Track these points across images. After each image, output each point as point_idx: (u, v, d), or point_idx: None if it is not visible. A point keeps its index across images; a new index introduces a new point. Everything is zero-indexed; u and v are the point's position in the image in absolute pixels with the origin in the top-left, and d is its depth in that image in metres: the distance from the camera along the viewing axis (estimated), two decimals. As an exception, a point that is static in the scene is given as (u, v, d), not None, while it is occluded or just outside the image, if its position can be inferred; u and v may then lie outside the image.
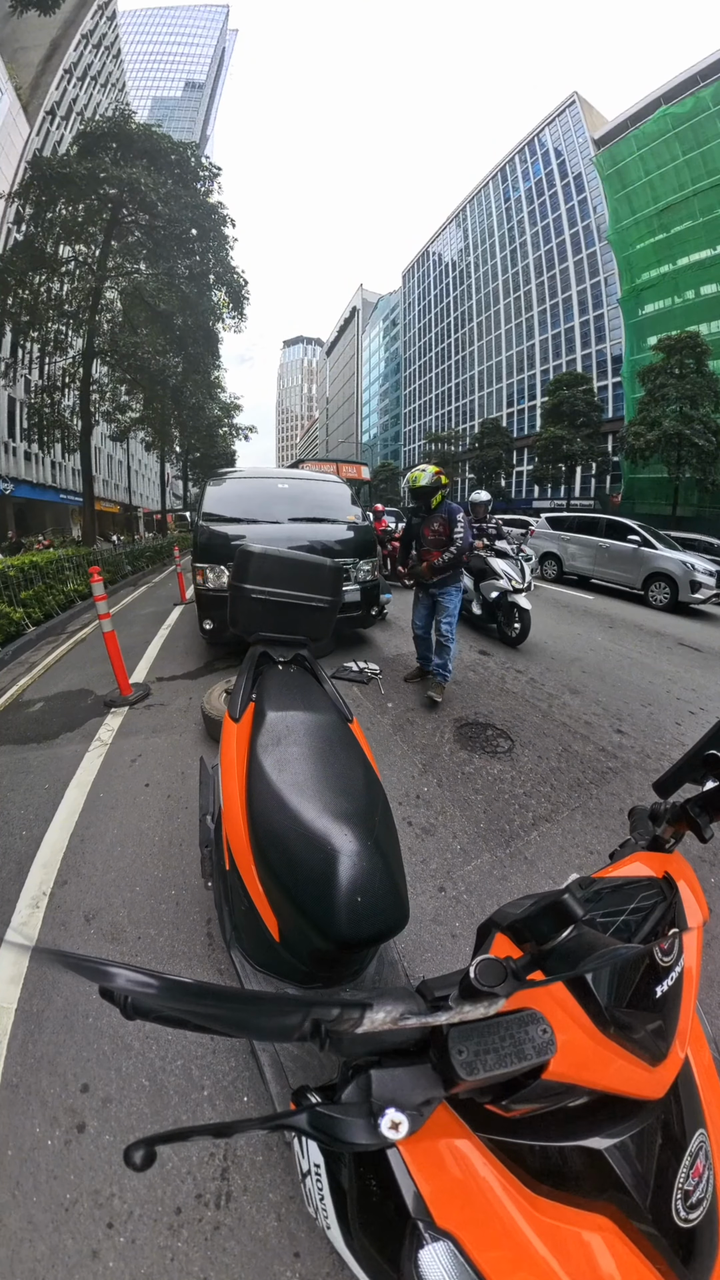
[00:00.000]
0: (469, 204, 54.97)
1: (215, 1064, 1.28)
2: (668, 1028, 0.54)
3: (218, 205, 14.15)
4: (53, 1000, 1.43)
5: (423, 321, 64.43)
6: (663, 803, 0.77)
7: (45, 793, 2.49)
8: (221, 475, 5.44)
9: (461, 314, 55.57)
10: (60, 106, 34.52)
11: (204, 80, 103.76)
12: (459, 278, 56.45)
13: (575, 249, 39.84)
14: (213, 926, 1.68)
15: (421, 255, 65.46)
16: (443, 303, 59.78)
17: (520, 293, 46.06)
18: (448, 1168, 0.46)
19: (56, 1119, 1.16)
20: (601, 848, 2.16)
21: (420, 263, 65.88)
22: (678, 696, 4.05)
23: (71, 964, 0.33)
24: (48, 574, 6.88)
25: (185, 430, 22.30)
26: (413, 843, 2.14)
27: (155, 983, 0.34)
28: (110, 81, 44.58)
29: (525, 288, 45.41)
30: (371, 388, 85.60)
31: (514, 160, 47.59)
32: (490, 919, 0.54)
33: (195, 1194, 1.04)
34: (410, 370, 67.54)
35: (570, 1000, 0.49)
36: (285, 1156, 1.11)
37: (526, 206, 45.35)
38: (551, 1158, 0.48)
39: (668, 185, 27.86)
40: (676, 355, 20.47)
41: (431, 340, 61.95)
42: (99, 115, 14.07)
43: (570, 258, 40.27)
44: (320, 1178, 0.60)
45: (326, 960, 0.97)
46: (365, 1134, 0.38)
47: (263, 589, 1.65)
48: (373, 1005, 0.38)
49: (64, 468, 34.26)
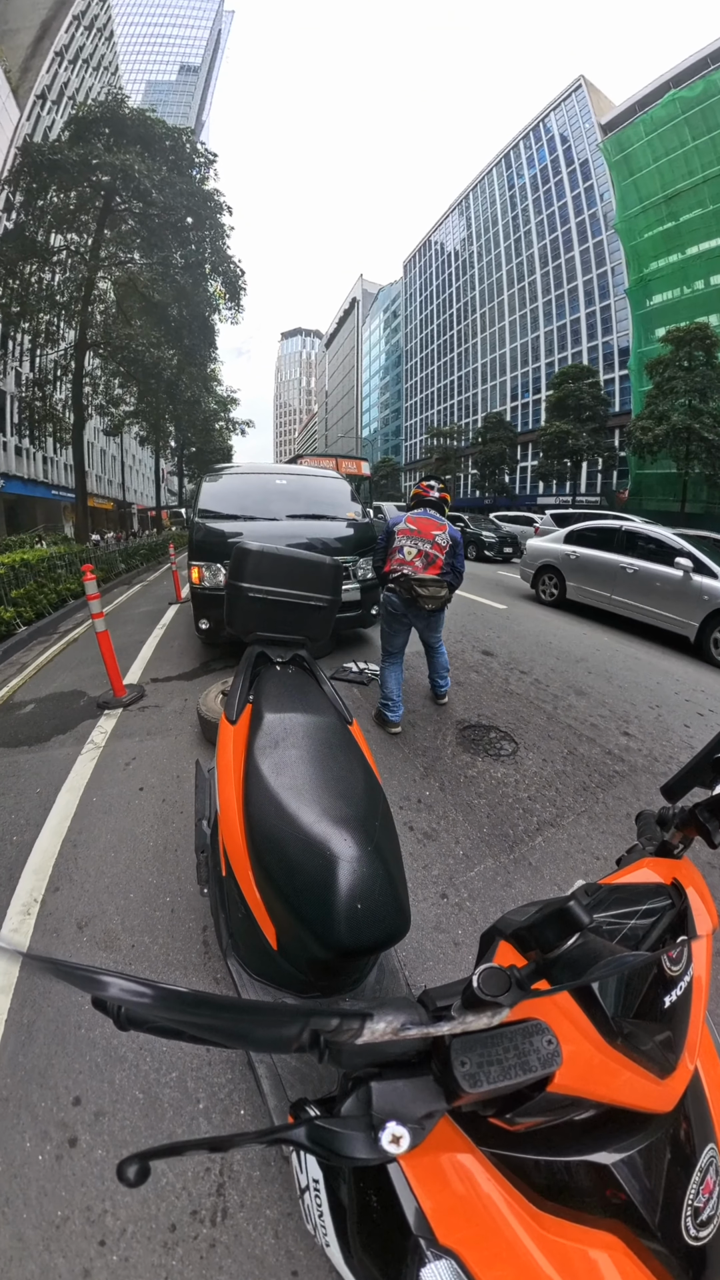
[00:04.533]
0: (472, 191, 54.98)
1: (211, 1076, 1.28)
2: (676, 1039, 0.54)
3: (214, 193, 14.18)
4: (44, 1010, 1.43)
5: (424, 313, 64.44)
6: (671, 807, 0.77)
7: (37, 797, 2.49)
8: (218, 471, 5.44)
9: (464, 305, 55.57)
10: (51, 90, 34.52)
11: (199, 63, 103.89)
12: (462, 268, 56.46)
13: (581, 238, 39.84)
14: (209, 934, 1.68)
15: (423, 244, 65.48)
16: (445, 293, 59.78)
17: (525, 283, 46.07)
18: (450, 1183, 0.46)
19: (47, 1133, 1.16)
20: (608, 853, 2.16)
21: (422, 252, 65.89)
22: (686, 698, 4.05)
23: (63, 973, 0.33)
24: (39, 572, 6.88)
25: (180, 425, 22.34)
26: (414, 848, 2.14)
27: (149, 992, 0.34)
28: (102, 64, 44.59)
29: (530, 278, 45.41)
30: (372, 381, 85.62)
31: (518, 146, 47.60)
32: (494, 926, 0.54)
33: (190, 1210, 1.04)
34: (412, 363, 67.53)
35: (576, 1010, 0.49)
36: (283, 1172, 1.11)
37: (531, 194, 45.36)
38: (557, 1173, 0.48)
39: (677, 171, 27.83)
40: (686, 347, 20.45)
41: (433, 332, 61.95)
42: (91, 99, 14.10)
43: (576, 247, 40.27)
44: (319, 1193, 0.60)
45: (326, 969, 0.97)
46: (365, 1148, 0.38)
47: (260, 588, 1.66)
48: (373, 1015, 0.38)
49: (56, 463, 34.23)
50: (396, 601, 3.11)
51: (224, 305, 16.07)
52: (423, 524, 3.11)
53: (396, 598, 3.10)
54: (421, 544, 3.07)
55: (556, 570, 7.56)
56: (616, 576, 6.56)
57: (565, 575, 7.39)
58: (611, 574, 6.63)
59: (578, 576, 7.20)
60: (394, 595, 3.11)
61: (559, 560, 7.55)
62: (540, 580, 7.94)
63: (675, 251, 28.67)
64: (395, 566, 3.08)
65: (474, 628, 5.89)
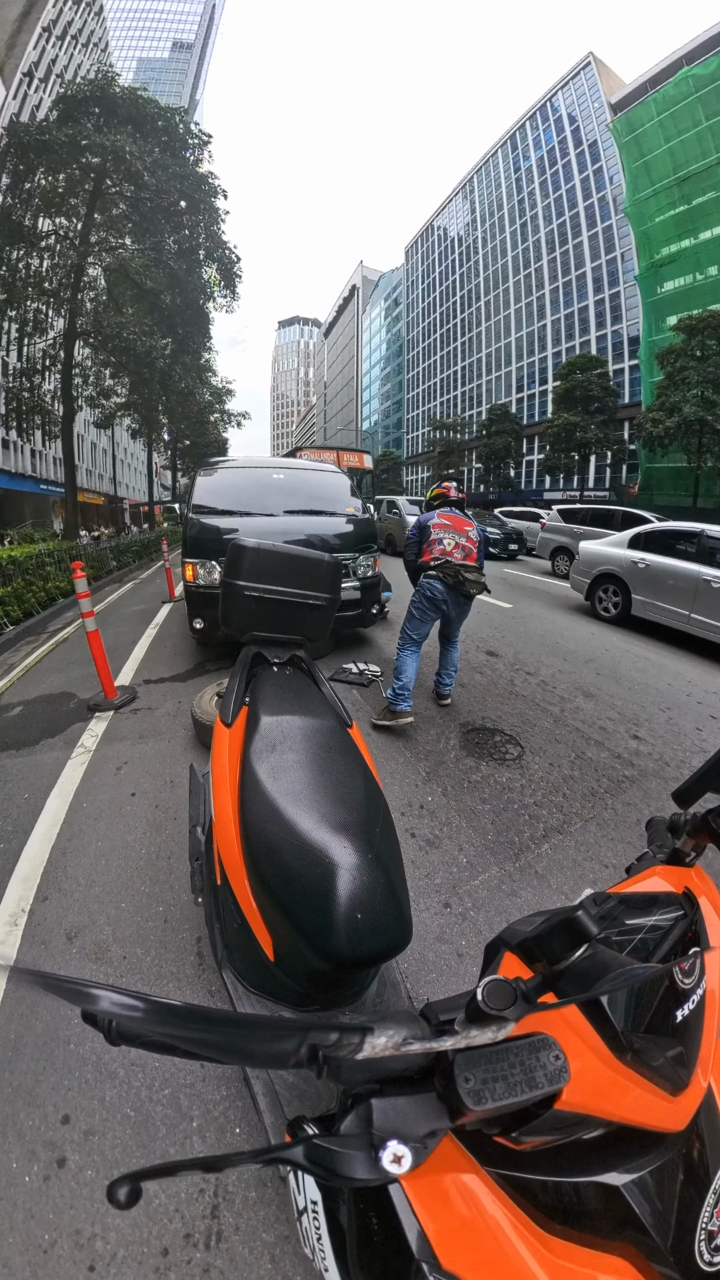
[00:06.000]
0: (476, 174, 55.04)
1: (205, 1093, 1.28)
2: (689, 1054, 0.54)
3: (208, 175, 14.19)
4: (32, 1025, 1.43)
5: (427, 300, 64.50)
6: (683, 813, 0.77)
7: (24, 803, 2.49)
8: (212, 465, 5.44)
9: (468, 292, 55.62)
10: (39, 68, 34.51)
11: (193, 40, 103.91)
12: (465, 253, 56.51)
13: (590, 222, 39.87)
14: (203, 945, 1.68)
15: (426, 229, 65.53)
16: (448, 280, 59.83)
17: (531, 270, 46.11)
18: (454, 1205, 0.46)
19: (35, 1153, 1.15)
20: (617, 861, 2.16)
21: (424, 237, 65.95)
22: (699, 700, 4.06)
23: (52, 985, 0.33)
24: (28, 569, 6.88)
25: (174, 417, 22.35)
26: (416, 855, 2.14)
27: (142, 1005, 0.33)
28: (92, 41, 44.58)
29: (536, 264, 45.45)
30: (372, 371, 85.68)
31: (524, 127, 47.65)
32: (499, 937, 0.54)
33: (183, 1234, 1.04)
34: (413, 353, 67.60)
35: (584, 1024, 0.49)
36: (280, 1193, 1.11)
37: (538, 177, 45.40)
38: (565, 1194, 0.48)
39: (689, 153, 27.85)
40: (698, 336, 20.48)
41: (436, 321, 62.01)
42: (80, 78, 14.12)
43: (584, 232, 40.30)
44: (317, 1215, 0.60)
45: (324, 981, 0.97)
46: (365, 1168, 0.38)
47: (257, 586, 1.66)
48: (374, 1029, 0.38)
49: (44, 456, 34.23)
50: (440, 588, 3.26)
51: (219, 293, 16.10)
52: (455, 521, 3.41)
53: (440, 584, 3.26)
54: (458, 538, 3.34)
55: (618, 580, 6.60)
56: (698, 591, 5.58)
57: (631, 587, 6.40)
58: (691, 588, 5.66)
59: (647, 589, 6.21)
60: (436, 581, 3.27)
61: (623, 569, 6.53)
62: (596, 592, 6.98)
63: (688, 236, 28.69)
64: (438, 555, 3.30)
65: (478, 627, 5.89)
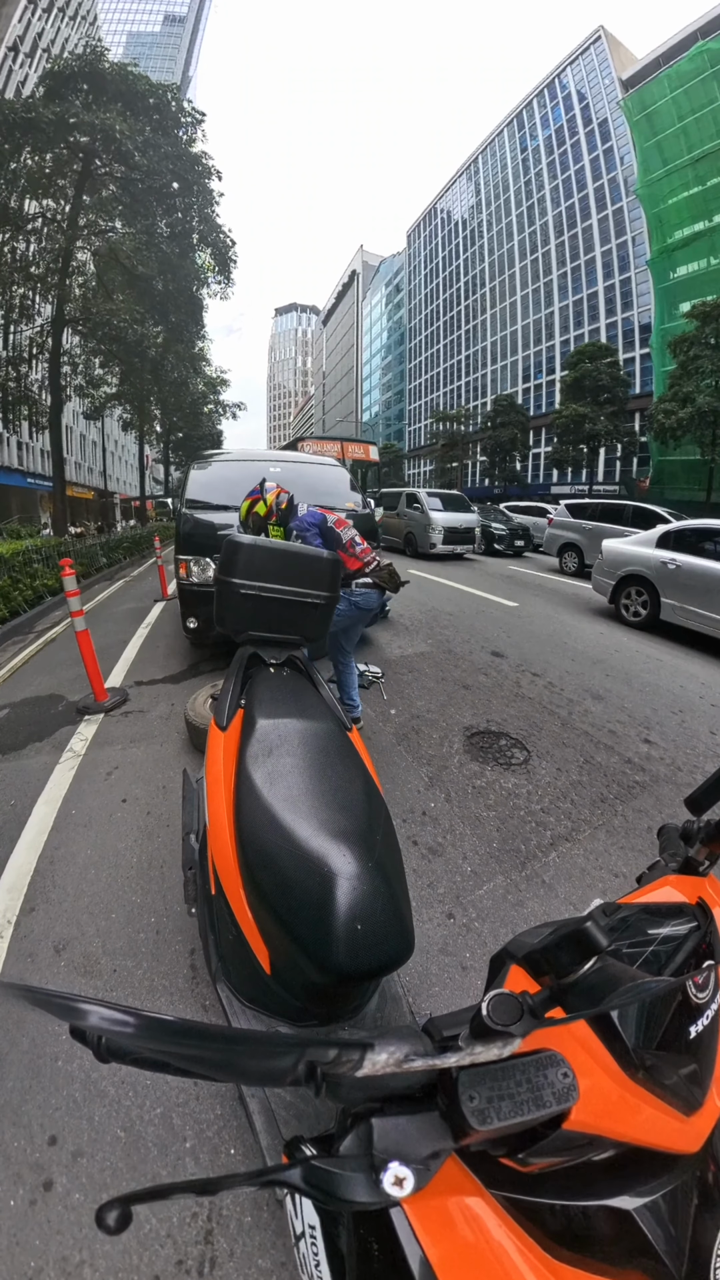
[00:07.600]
0: (481, 154, 55.06)
1: (199, 1112, 1.28)
2: (703, 1072, 0.54)
3: (201, 156, 14.16)
4: (18, 1041, 1.43)
5: (429, 287, 64.52)
6: (696, 820, 0.77)
7: (10, 810, 2.49)
8: (206, 458, 5.45)
9: (473, 278, 55.63)
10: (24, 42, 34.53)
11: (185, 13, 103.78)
12: (470, 238, 56.53)
13: (599, 205, 39.89)
14: (197, 958, 1.68)
15: (428, 213, 65.56)
16: (452, 265, 59.84)
17: (538, 254, 46.14)
18: (458, 1229, 0.46)
19: (20, 1176, 1.15)
20: (628, 870, 2.16)
21: (427, 221, 65.97)
22: (713, 703, 4.06)
23: (39, 1000, 0.33)
24: (14, 567, 6.88)
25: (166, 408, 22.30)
26: (418, 864, 2.14)
27: (133, 1021, 0.33)
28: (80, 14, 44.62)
29: (544, 249, 45.48)
30: (373, 361, 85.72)
31: (531, 105, 47.67)
32: (504, 949, 0.54)
33: (176, 1260, 1.04)
34: (415, 341, 67.61)
35: (594, 1040, 0.49)
36: (277, 1217, 1.10)
37: (545, 157, 45.43)
38: (574, 1218, 0.48)
39: (704, 131, 27.85)
40: (712, 323, 20.45)
41: (439, 308, 62.02)
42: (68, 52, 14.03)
43: (594, 215, 40.31)
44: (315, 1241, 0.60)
45: (323, 995, 0.97)
46: (366, 1191, 0.38)
47: (252, 583, 1.66)
48: (374, 1045, 0.38)
49: (31, 449, 34.23)
50: (376, 596, 3.03)
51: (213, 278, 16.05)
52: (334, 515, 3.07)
53: (377, 593, 3.02)
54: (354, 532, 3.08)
55: (646, 582, 6.38)
56: None
57: (660, 589, 6.19)
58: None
59: (678, 593, 5.98)
60: (374, 591, 3.01)
61: (652, 570, 6.30)
62: (621, 595, 6.75)
63: (702, 219, 28.67)
64: (368, 558, 3.00)
65: (483, 626, 5.89)
